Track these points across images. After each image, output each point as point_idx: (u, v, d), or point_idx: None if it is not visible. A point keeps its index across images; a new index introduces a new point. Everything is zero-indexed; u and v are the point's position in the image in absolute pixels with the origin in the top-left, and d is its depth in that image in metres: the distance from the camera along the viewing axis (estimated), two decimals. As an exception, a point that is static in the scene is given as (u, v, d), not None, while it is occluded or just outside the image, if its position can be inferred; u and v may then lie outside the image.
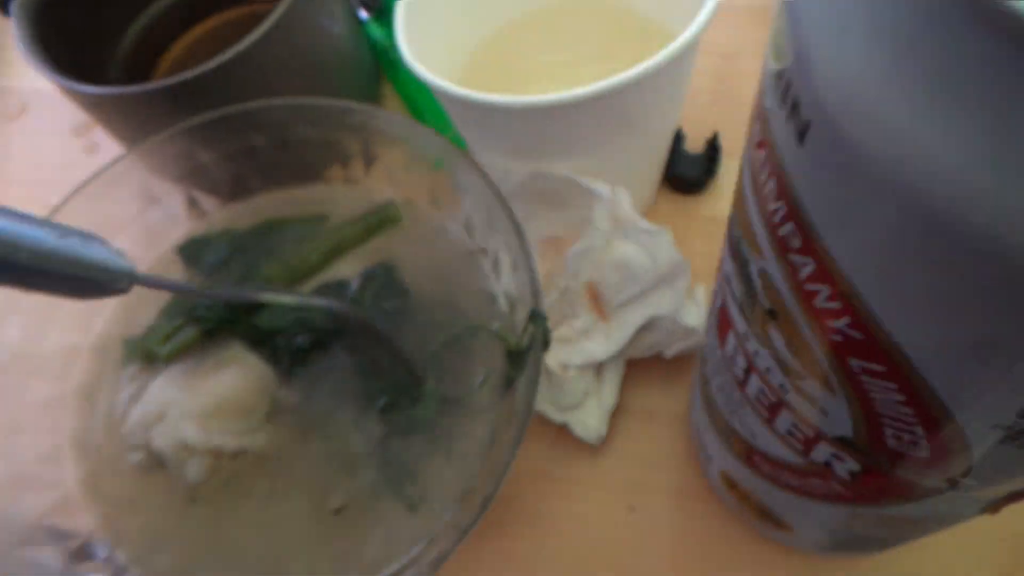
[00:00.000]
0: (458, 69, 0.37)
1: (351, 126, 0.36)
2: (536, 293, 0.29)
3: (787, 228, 0.14)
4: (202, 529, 0.31)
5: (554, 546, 0.33)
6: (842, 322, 0.14)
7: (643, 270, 0.32)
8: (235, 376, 0.33)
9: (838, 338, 0.14)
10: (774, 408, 0.20)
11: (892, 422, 0.15)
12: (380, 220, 0.36)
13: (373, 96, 0.50)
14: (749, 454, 0.24)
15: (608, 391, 0.34)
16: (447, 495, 0.30)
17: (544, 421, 0.35)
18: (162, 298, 0.37)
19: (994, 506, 0.19)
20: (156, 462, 0.32)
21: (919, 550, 0.31)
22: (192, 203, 0.38)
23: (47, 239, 0.24)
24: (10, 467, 0.31)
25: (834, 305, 0.14)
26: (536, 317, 0.28)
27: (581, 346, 0.33)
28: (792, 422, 0.19)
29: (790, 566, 0.31)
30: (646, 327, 0.33)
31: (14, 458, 0.31)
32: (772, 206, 0.14)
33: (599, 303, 0.33)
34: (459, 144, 0.40)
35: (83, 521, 0.32)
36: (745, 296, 0.18)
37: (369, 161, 0.37)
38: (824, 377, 0.16)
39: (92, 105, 0.39)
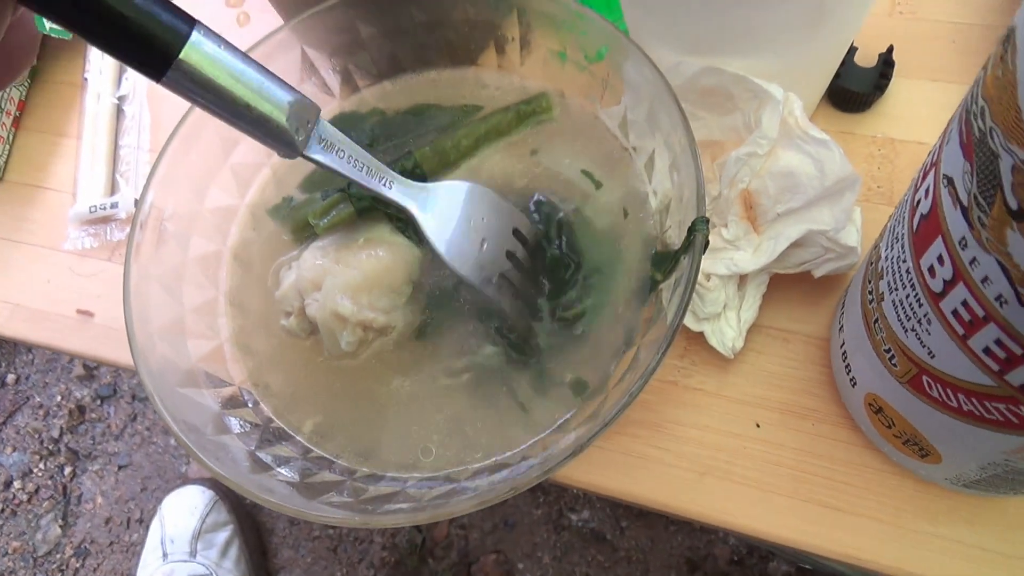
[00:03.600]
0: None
1: (512, 6, 0.35)
2: (701, 196, 0.28)
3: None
4: (343, 393, 0.33)
5: (678, 451, 0.34)
6: None
7: (808, 181, 0.30)
8: (385, 255, 0.33)
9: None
10: (977, 323, 0.19)
11: None
12: (532, 110, 0.36)
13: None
14: (918, 374, 0.23)
15: (749, 304, 0.33)
16: (580, 387, 0.31)
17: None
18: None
19: None
20: (307, 327, 0.33)
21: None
22: (346, 78, 0.39)
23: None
24: (175, 312, 0.33)
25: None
26: (699, 222, 0.28)
27: (728, 256, 0.33)
28: (995, 339, 0.18)
29: (917, 500, 0.31)
30: (799, 242, 0.32)
31: (179, 305, 0.33)
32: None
33: (753, 213, 0.32)
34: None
35: (235, 371, 0.34)
36: (980, 197, 0.17)
37: (526, 47, 0.36)
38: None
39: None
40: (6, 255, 0.47)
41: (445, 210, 0.32)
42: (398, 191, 0.31)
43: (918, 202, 0.21)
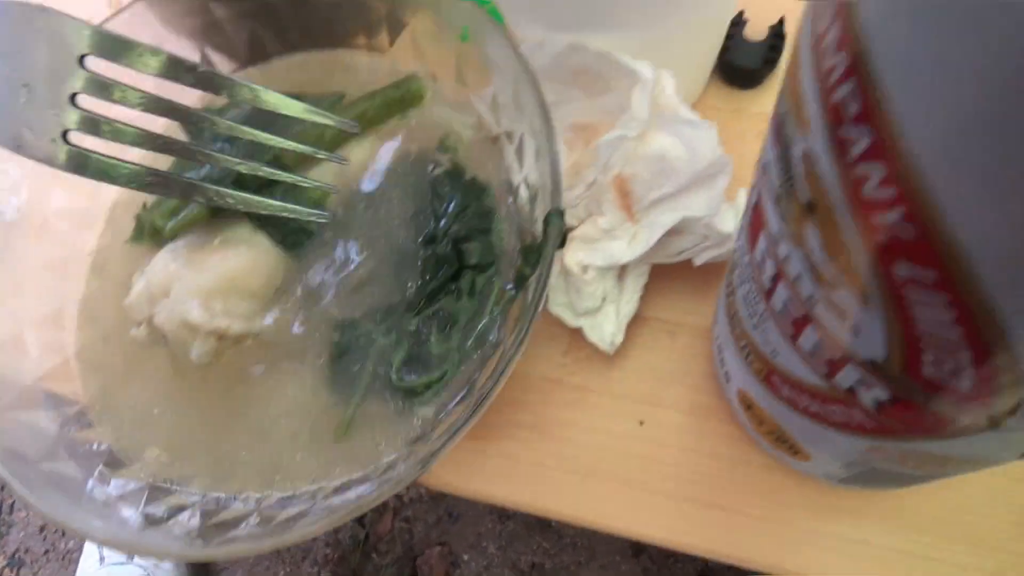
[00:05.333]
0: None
1: (374, -14, 0.32)
2: (557, 186, 0.26)
3: (846, 89, 0.11)
4: (196, 409, 0.31)
5: (560, 453, 0.32)
6: (894, 214, 0.11)
7: (680, 165, 0.29)
8: (242, 256, 0.31)
9: (885, 237, 0.11)
10: (800, 323, 0.17)
11: (934, 345, 0.12)
12: (401, 96, 0.34)
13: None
14: (769, 373, 0.22)
15: (628, 297, 0.32)
16: (446, 392, 0.29)
17: (560, 324, 0.33)
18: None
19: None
20: (158, 337, 0.31)
21: (934, 488, 0.29)
22: (206, 63, 0.36)
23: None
24: (10, 328, 0.30)
25: (887, 193, 0.11)
26: (552, 215, 0.26)
27: (604, 246, 0.31)
28: (818, 340, 0.17)
29: (802, 495, 0.30)
30: (676, 230, 0.30)
31: (15, 319, 0.31)
32: (831, 60, 0.11)
33: (628, 200, 0.30)
34: (495, 14, 0.36)
35: (81, 389, 0.31)
36: (783, 187, 0.15)
37: (395, 29, 0.34)
38: (862, 287, 0.13)
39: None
40: None
41: None
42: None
43: (751, 190, 0.20)
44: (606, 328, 0.31)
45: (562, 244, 0.26)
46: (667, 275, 0.33)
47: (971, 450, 0.17)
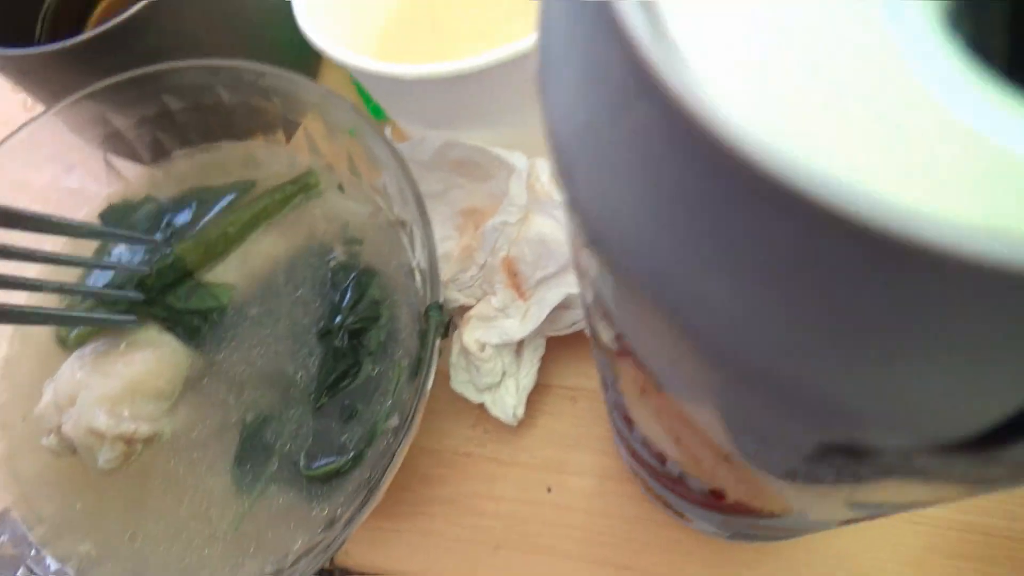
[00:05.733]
0: (377, 30, 0.35)
1: (266, 91, 0.34)
2: (435, 280, 0.28)
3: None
4: (113, 514, 0.31)
5: (474, 525, 0.33)
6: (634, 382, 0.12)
7: (558, 247, 0.30)
8: (147, 359, 0.32)
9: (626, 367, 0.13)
10: (628, 419, 0.19)
11: (702, 465, 0.14)
12: (299, 189, 0.35)
13: (311, 58, 0.47)
14: (626, 441, 0.23)
15: (526, 370, 0.33)
16: (353, 478, 0.30)
17: (467, 401, 0.34)
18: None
19: (854, 520, 0.18)
20: (68, 445, 0.31)
21: (825, 534, 0.30)
22: (112, 167, 0.37)
23: None
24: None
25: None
26: (431, 308, 0.27)
27: (499, 324, 0.32)
28: (641, 436, 0.18)
29: (704, 551, 0.31)
30: (564, 304, 0.31)
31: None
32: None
33: (517, 280, 0.32)
34: (378, 113, 0.38)
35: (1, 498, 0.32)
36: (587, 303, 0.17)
37: (290, 128, 0.35)
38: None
39: (9, 66, 0.37)
40: None
41: None
42: None
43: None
44: (507, 402, 0.33)
45: (446, 332, 0.28)
46: (564, 344, 0.34)
47: (795, 524, 0.19)
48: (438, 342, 0.27)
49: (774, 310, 0.07)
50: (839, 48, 0.07)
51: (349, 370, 0.31)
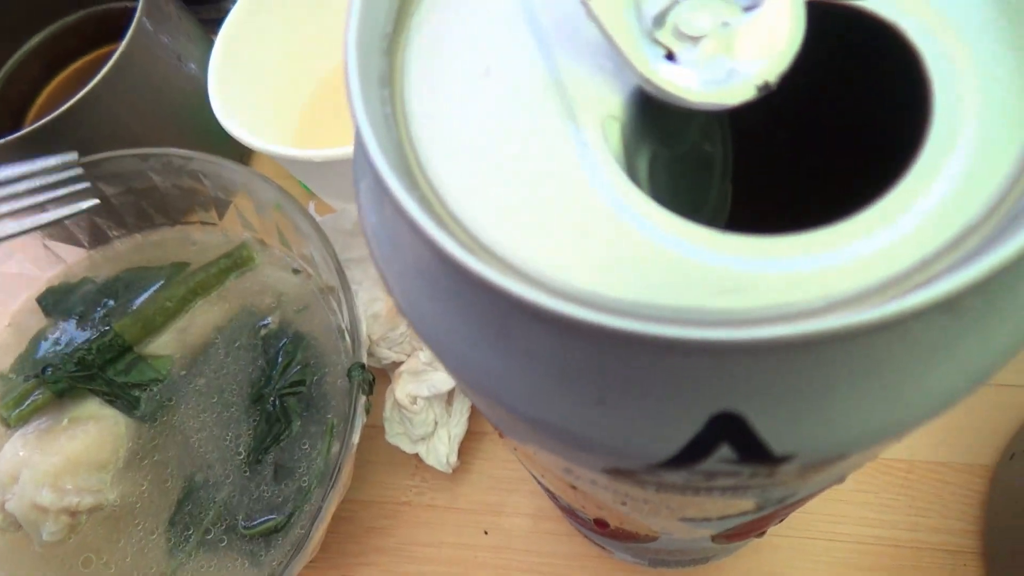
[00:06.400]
0: (296, 116, 0.37)
1: (196, 174, 0.36)
2: (358, 340, 0.30)
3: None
4: (58, 581, 0.32)
5: (417, 572, 0.34)
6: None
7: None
8: (90, 432, 0.33)
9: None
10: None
11: (567, 496, 0.16)
12: (234, 262, 0.37)
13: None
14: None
15: (457, 420, 0.35)
16: (292, 535, 0.31)
17: (405, 452, 0.36)
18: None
19: (718, 536, 0.20)
20: (13, 522, 0.32)
21: (749, 553, 0.32)
22: (50, 252, 0.38)
23: None
24: None
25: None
26: (353, 369, 0.29)
27: (428, 378, 0.34)
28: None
29: (635, 579, 0.33)
30: (487, 356, 0.34)
31: None
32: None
33: (441, 335, 0.34)
34: (304, 187, 0.40)
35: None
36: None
37: (222, 206, 0.38)
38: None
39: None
40: None
41: None
42: None
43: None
44: (440, 450, 0.34)
45: (370, 389, 0.30)
46: (493, 392, 0.36)
47: (676, 546, 0.21)
48: (362, 399, 0.29)
49: (528, 375, 0.10)
50: (545, 182, 0.09)
51: (282, 432, 0.33)
